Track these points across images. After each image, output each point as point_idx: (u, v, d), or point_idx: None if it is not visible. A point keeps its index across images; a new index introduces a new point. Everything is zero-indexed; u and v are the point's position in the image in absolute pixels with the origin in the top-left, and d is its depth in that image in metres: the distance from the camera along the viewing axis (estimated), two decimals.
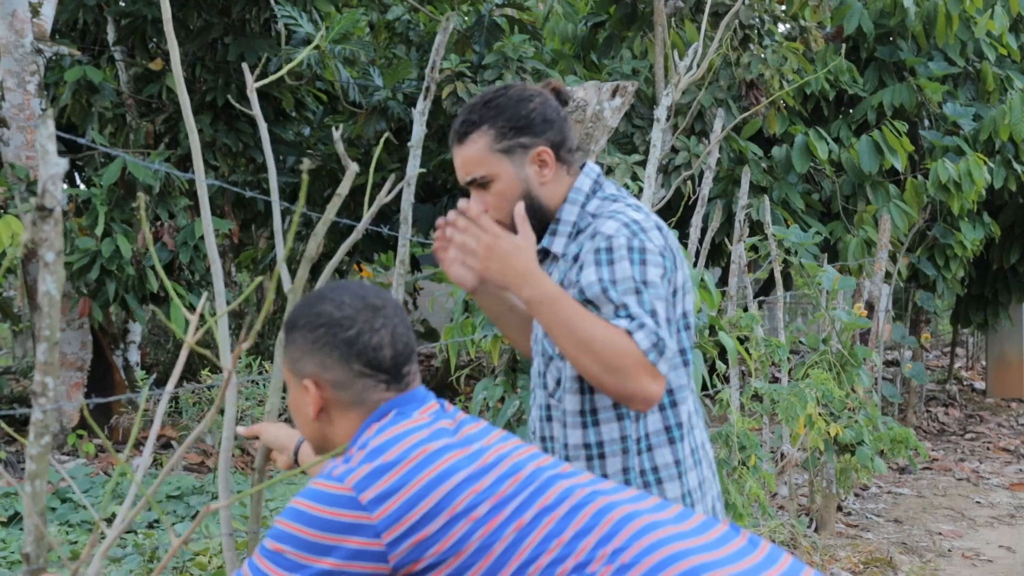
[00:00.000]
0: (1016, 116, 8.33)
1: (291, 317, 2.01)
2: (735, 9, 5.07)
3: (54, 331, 2.00)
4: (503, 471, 1.84)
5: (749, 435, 4.53)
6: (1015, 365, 11.57)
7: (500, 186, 2.37)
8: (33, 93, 8.01)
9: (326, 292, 1.99)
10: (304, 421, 2.00)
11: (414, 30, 9.96)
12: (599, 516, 1.81)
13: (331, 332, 1.94)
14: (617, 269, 2.24)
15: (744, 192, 5.36)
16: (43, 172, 1.93)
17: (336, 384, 1.94)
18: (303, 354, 1.95)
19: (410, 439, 1.85)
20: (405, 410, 1.92)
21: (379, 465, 1.80)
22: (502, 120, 2.35)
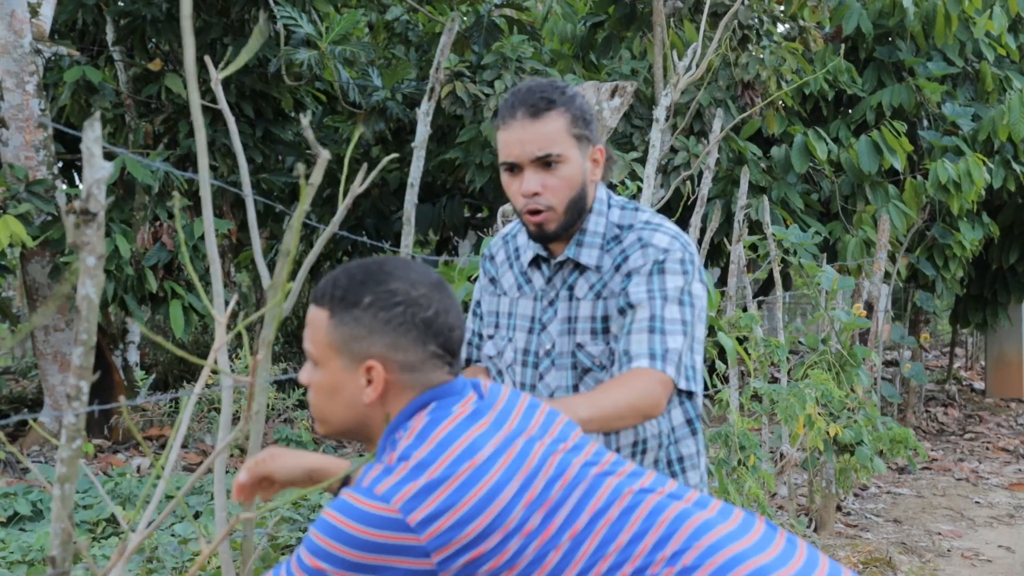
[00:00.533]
0: (1015, 116, 8.33)
1: (345, 293, 1.85)
2: (734, 9, 5.06)
3: (92, 335, 2.00)
4: (551, 474, 1.78)
5: (748, 435, 4.53)
6: (1014, 365, 11.57)
7: (568, 170, 2.35)
8: (32, 93, 8.01)
9: (390, 268, 1.87)
10: (344, 405, 1.88)
11: (413, 30, 9.96)
12: (652, 517, 1.77)
13: (410, 311, 1.82)
14: (669, 279, 2.30)
15: (743, 192, 5.36)
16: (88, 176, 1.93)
17: (405, 366, 1.83)
18: (370, 333, 1.82)
19: (455, 448, 1.75)
20: (444, 403, 1.83)
21: (426, 483, 1.71)
22: (576, 109, 2.35)
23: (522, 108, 2.34)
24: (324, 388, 1.88)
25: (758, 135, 8.80)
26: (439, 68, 2.70)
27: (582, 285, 2.40)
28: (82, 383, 2.01)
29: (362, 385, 1.84)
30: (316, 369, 1.89)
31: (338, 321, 1.84)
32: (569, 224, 2.38)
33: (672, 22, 8.27)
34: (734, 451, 4.47)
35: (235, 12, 9.04)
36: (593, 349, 2.39)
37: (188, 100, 8.97)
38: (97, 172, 1.93)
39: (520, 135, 2.32)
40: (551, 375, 2.46)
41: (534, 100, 2.34)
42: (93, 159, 1.93)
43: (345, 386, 1.86)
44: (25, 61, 7.94)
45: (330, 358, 1.86)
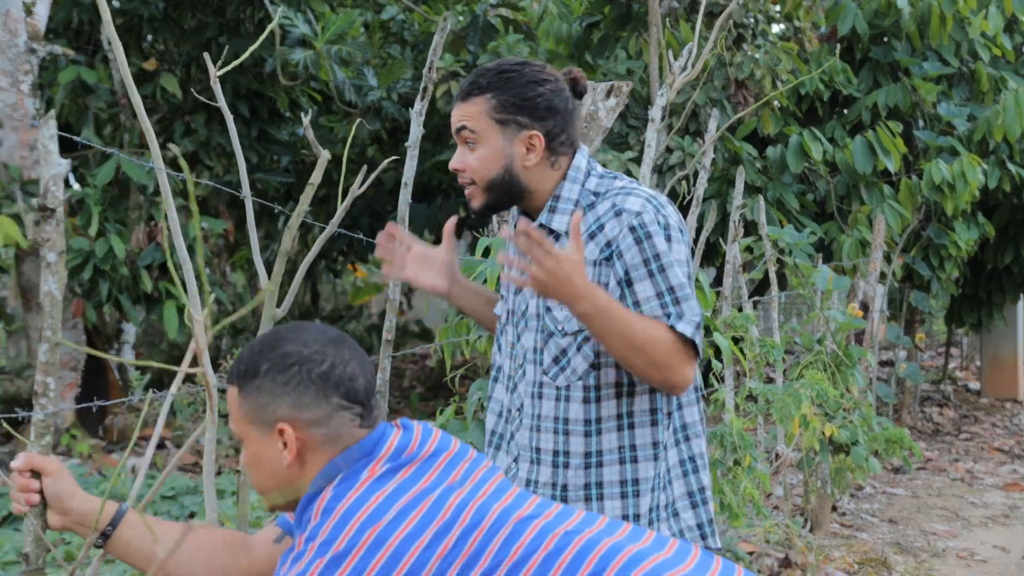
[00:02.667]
0: (1010, 117, 8.34)
1: (246, 366, 1.92)
2: (729, 9, 5.06)
3: (56, 331, 2.00)
4: (467, 523, 1.81)
5: (744, 435, 4.53)
6: (1009, 365, 11.58)
7: (484, 152, 2.43)
8: (27, 93, 8.00)
9: (283, 334, 1.94)
10: (270, 473, 1.93)
11: (408, 30, 9.95)
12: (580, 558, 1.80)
13: (305, 369, 1.89)
14: (656, 243, 2.34)
15: (739, 192, 5.36)
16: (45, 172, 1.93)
17: (313, 422, 1.89)
18: (273, 398, 1.89)
19: (358, 518, 1.79)
20: (352, 471, 1.87)
21: (331, 558, 1.76)
22: (508, 94, 2.41)
23: (459, 89, 2.47)
24: (252, 462, 1.95)
25: (754, 135, 8.80)
26: (432, 68, 2.69)
27: None
28: (49, 379, 2.01)
29: (279, 450, 1.90)
30: (244, 447, 1.96)
31: (245, 394, 1.91)
32: (496, 203, 2.47)
33: (668, 22, 8.26)
34: (729, 451, 4.47)
35: (230, 12, 9.03)
36: (558, 314, 2.43)
37: (189, 98, 8.93)
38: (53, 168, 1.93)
39: (453, 114, 2.46)
40: (526, 336, 2.51)
41: (466, 84, 2.45)
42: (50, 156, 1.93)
43: (266, 455, 1.92)
44: (20, 60, 7.93)
45: (248, 432, 1.93)
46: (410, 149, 2.77)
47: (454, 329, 3.68)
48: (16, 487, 2.03)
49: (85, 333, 8.51)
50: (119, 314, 8.79)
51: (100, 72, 9.01)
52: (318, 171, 2.29)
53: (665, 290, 2.32)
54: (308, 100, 10.01)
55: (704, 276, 4.19)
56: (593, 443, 2.42)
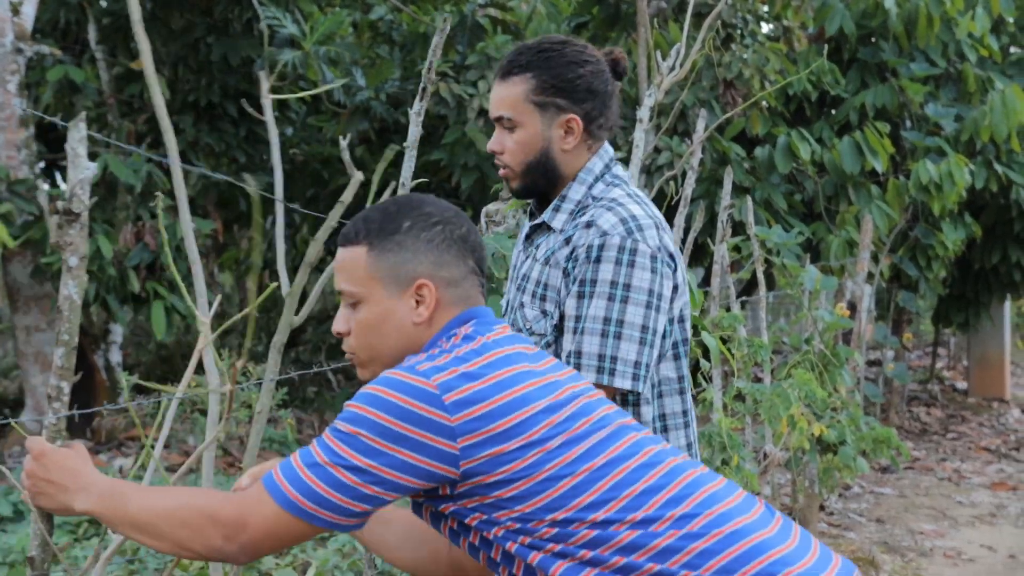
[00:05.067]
0: (997, 117, 8.36)
1: (381, 224, 1.94)
2: (718, 9, 5.06)
3: (73, 336, 1.99)
4: (576, 409, 1.85)
5: (732, 435, 4.53)
6: (997, 365, 11.62)
7: (523, 136, 2.40)
8: (14, 92, 7.97)
9: (418, 199, 1.98)
10: (394, 330, 1.94)
11: (397, 30, 9.94)
12: (669, 477, 1.84)
13: (448, 229, 1.94)
14: (602, 269, 2.26)
15: (727, 192, 5.36)
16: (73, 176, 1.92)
17: (450, 281, 1.94)
18: (415, 254, 1.92)
19: (495, 352, 1.86)
20: (484, 321, 1.94)
21: (465, 371, 1.81)
22: (548, 75, 2.37)
23: (498, 68, 2.43)
24: (371, 322, 1.94)
25: (742, 136, 8.81)
26: (431, 68, 2.69)
27: (543, 248, 2.42)
28: (63, 384, 1.99)
29: (412, 307, 1.93)
30: (358, 308, 1.95)
31: (380, 251, 1.93)
32: (533, 187, 2.44)
33: (656, 22, 8.27)
34: (717, 451, 4.47)
35: (218, 12, 9.01)
36: (529, 312, 2.40)
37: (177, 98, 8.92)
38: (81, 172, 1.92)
39: (493, 94, 2.43)
40: None
41: (506, 62, 2.41)
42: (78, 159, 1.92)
43: (394, 313, 1.94)
44: (7, 60, 7.91)
45: (374, 290, 1.93)
46: (408, 150, 2.77)
47: None
48: None
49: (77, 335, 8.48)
50: (106, 314, 8.77)
51: (87, 71, 8.99)
52: (350, 190, 2.26)
53: (583, 315, 2.26)
54: (296, 100, 9.99)
55: (692, 276, 4.19)
56: None
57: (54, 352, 2.02)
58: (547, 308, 2.38)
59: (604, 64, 2.42)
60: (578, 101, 2.38)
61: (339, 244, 1.98)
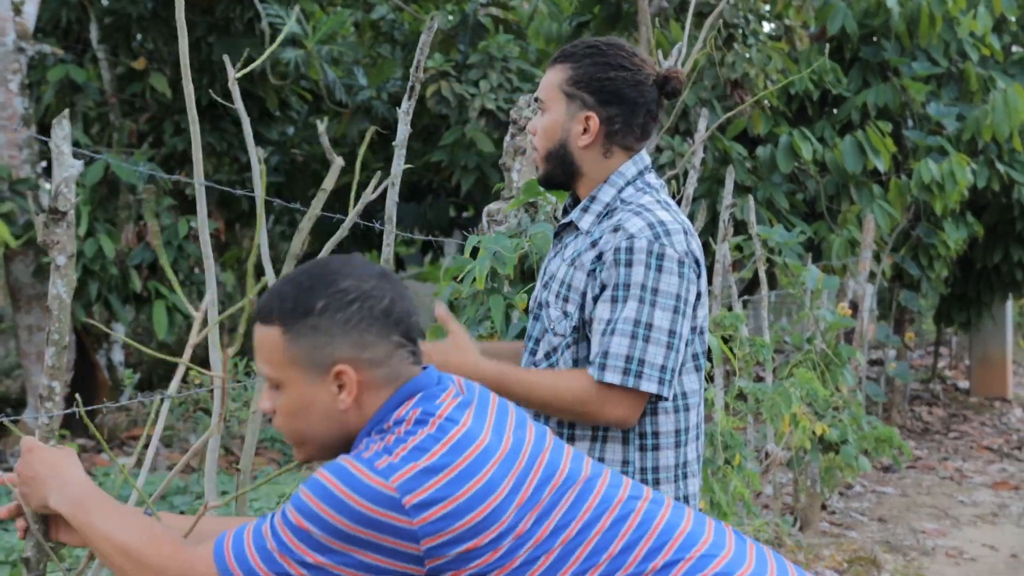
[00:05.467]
0: (999, 116, 8.36)
1: (295, 304, 1.77)
2: (719, 8, 5.05)
3: (63, 335, 1.98)
4: (540, 475, 1.76)
5: (734, 434, 4.54)
6: (998, 364, 11.61)
7: (547, 121, 2.43)
8: (15, 92, 7.97)
9: (334, 267, 1.80)
10: (320, 418, 1.81)
11: (399, 29, 9.94)
12: (642, 528, 1.78)
13: (367, 306, 1.76)
14: (634, 273, 2.26)
15: (729, 192, 5.36)
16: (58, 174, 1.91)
17: (374, 362, 1.77)
18: (331, 338, 1.75)
19: (453, 434, 1.72)
20: (429, 394, 1.79)
21: (425, 466, 1.68)
22: (583, 69, 2.39)
23: (556, 53, 2.47)
24: (293, 409, 1.82)
25: (744, 135, 8.81)
26: (419, 67, 2.69)
27: (571, 248, 2.41)
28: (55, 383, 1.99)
29: (334, 393, 1.79)
30: (279, 392, 1.82)
31: (294, 335, 1.77)
32: (552, 176, 2.47)
33: (658, 21, 8.27)
34: (719, 450, 4.47)
35: (220, 10, 9.01)
36: (553, 312, 2.39)
37: (179, 98, 8.92)
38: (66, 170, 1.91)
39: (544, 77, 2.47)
40: (531, 325, 2.50)
41: (561, 51, 2.46)
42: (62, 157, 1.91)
43: (316, 399, 1.80)
44: (8, 59, 7.91)
45: (293, 376, 1.79)
46: (397, 149, 2.76)
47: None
48: None
49: (74, 333, 8.48)
50: (108, 314, 8.77)
51: (89, 71, 8.99)
52: (330, 178, 2.25)
53: (613, 318, 2.25)
54: (298, 99, 10.00)
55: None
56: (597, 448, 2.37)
57: (46, 351, 2.01)
58: (568, 309, 2.37)
59: (647, 77, 2.40)
60: (602, 102, 2.38)
61: (255, 320, 1.82)
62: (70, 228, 1.94)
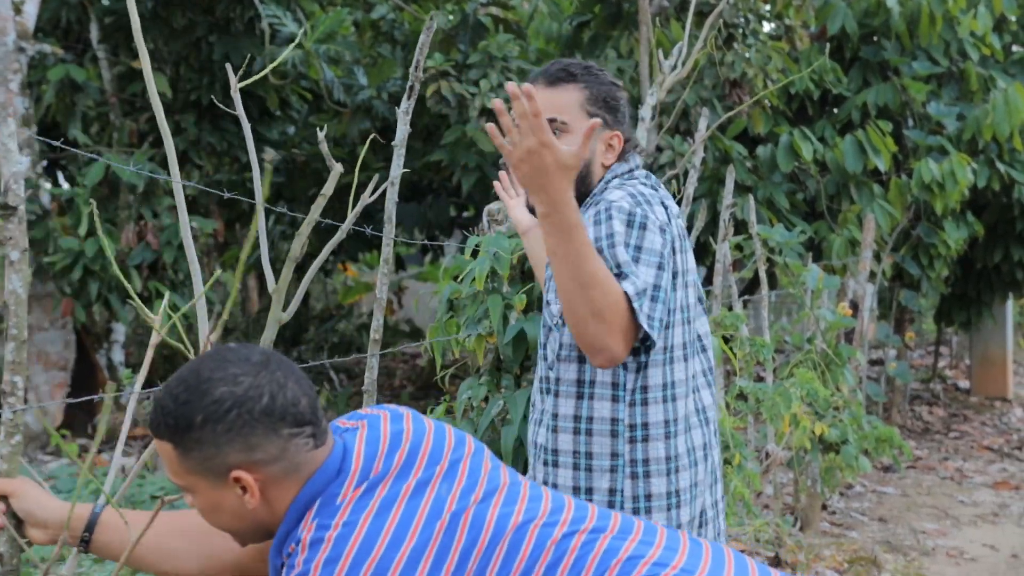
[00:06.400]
0: (999, 116, 8.35)
1: (176, 420, 1.75)
2: (720, 8, 5.06)
3: (22, 330, 1.98)
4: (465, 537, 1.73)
5: (734, 434, 4.53)
6: (999, 364, 11.60)
7: (571, 141, 2.39)
8: (16, 91, 7.97)
9: (204, 373, 1.76)
10: (233, 518, 1.82)
11: (399, 29, 9.94)
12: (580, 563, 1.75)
13: (244, 410, 1.73)
14: (615, 225, 2.26)
15: (729, 191, 5.36)
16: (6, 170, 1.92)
17: (268, 460, 1.75)
18: (218, 448, 1.74)
19: (349, 549, 1.69)
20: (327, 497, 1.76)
21: None
22: (599, 89, 2.42)
23: (541, 77, 2.43)
24: (208, 510, 1.83)
25: (744, 134, 8.81)
26: (418, 67, 2.69)
27: None
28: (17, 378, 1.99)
29: (239, 495, 1.78)
30: (193, 495, 1.83)
31: (184, 449, 1.76)
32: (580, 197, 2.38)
33: (658, 21, 8.27)
34: (720, 450, 4.47)
35: (220, 11, 9.01)
36: (554, 308, 2.40)
37: (179, 97, 8.92)
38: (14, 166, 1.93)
39: (541, 99, 2.32)
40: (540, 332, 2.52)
41: (555, 71, 2.44)
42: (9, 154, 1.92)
43: (224, 502, 1.80)
44: (8, 59, 7.91)
45: (196, 483, 1.79)
46: (396, 148, 2.76)
47: (443, 328, 3.68)
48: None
49: (75, 333, 8.48)
50: (109, 314, 8.77)
51: (89, 71, 8.99)
52: (331, 183, 2.26)
53: (612, 265, 2.22)
54: (298, 99, 10.00)
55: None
56: (583, 442, 2.39)
57: (5, 346, 2.01)
58: (550, 297, 2.42)
59: None
60: (620, 121, 2.45)
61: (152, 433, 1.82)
62: (22, 223, 1.95)
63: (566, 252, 2.11)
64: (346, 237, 8.24)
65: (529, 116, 2.01)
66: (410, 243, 6.65)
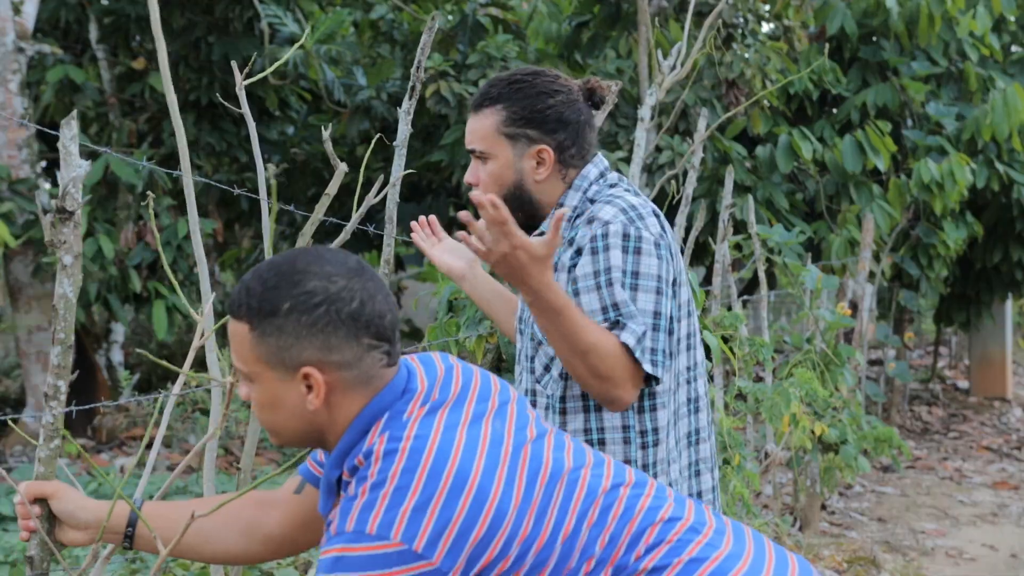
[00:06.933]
0: (999, 116, 8.36)
1: (260, 303, 1.73)
2: (719, 8, 5.06)
3: (69, 334, 1.98)
4: (527, 469, 1.74)
5: (733, 434, 4.53)
6: (998, 364, 11.61)
7: (495, 168, 2.39)
8: (15, 92, 7.97)
9: (301, 264, 1.75)
10: (290, 416, 1.78)
11: (398, 29, 9.94)
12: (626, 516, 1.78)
13: (333, 308, 1.72)
14: (612, 256, 2.25)
15: (728, 191, 5.36)
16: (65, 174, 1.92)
17: (343, 364, 1.74)
18: (297, 339, 1.71)
19: (426, 460, 1.68)
20: (394, 413, 1.76)
21: (414, 506, 1.65)
22: (518, 106, 2.37)
23: (473, 101, 2.42)
24: (264, 404, 1.80)
25: (743, 135, 8.81)
26: (420, 67, 2.69)
27: None
28: (60, 382, 1.99)
29: (303, 393, 1.76)
30: (252, 385, 1.80)
31: (261, 334, 1.74)
32: (527, 217, 2.41)
33: (657, 21, 8.27)
34: (719, 450, 4.47)
35: (219, 11, 9.01)
36: None
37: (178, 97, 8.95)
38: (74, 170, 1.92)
39: (467, 127, 2.42)
40: (521, 342, 2.50)
41: (478, 95, 2.41)
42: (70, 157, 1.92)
43: (286, 397, 1.77)
44: (8, 59, 7.91)
45: (263, 372, 1.76)
46: (398, 149, 2.77)
47: (443, 328, 3.68)
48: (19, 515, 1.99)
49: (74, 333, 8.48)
50: (108, 314, 8.77)
51: (88, 71, 8.99)
52: (334, 183, 2.27)
53: (609, 305, 2.23)
54: (297, 99, 10.00)
55: (694, 275, 4.19)
56: None
57: (51, 350, 2.01)
58: None
59: (577, 94, 2.41)
60: (549, 132, 2.37)
61: (229, 313, 1.79)
62: (77, 228, 1.95)
63: (557, 330, 2.17)
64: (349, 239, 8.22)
65: (497, 223, 2.03)
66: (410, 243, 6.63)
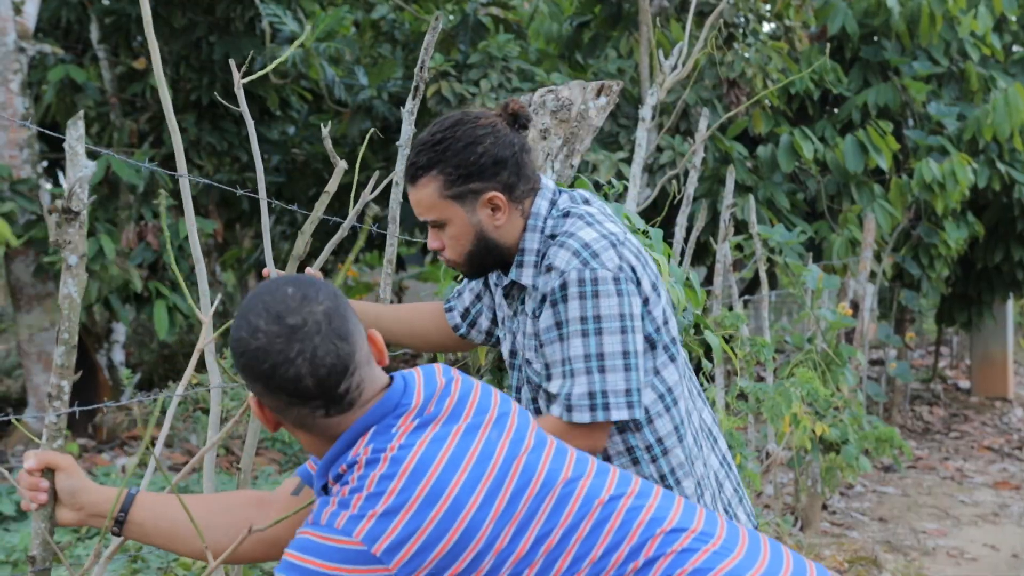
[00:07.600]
0: (1000, 116, 8.35)
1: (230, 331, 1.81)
2: (720, 8, 5.06)
3: (73, 334, 1.99)
4: (515, 483, 1.74)
5: (735, 434, 4.53)
6: (999, 364, 11.60)
7: (453, 230, 2.35)
8: (16, 92, 7.97)
9: (245, 310, 1.77)
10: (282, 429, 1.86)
11: (399, 29, 9.94)
12: (624, 529, 1.77)
13: (250, 364, 1.74)
14: (570, 308, 2.24)
15: (729, 191, 5.36)
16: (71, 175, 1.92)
17: (275, 409, 1.79)
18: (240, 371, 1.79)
19: (405, 469, 1.70)
20: (384, 426, 1.76)
21: (384, 510, 1.67)
22: (450, 166, 2.30)
23: (406, 173, 2.37)
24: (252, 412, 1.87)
25: (744, 134, 8.81)
26: (423, 67, 2.69)
27: (528, 302, 2.39)
28: (64, 382, 2.00)
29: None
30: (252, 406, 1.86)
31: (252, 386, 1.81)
32: (483, 268, 2.41)
33: (658, 21, 8.27)
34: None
35: (220, 10, 9.01)
36: (537, 365, 2.38)
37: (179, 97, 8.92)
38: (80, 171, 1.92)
39: (411, 199, 2.37)
40: (511, 375, 2.50)
41: (408, 167, 2.35)
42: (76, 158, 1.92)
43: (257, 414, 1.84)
44: (9, 59, 7.91)
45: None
46: (401, 149, 2.77)
47: None
48: (26, 485, 1.98)
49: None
50: (109, 314, 8.77)
51: (89, 71, 8.99)
52: (334, 180, 2.26)
53: (566, 358, 2.25)
54: (298, 99, 10.00)
55: (695, 275, 4.19)
56: None
57: (55, 350, 2.02)
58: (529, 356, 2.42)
59: (503, 126, 2.34)
60: (491, 177, 2.31)
61: None
62: (82, 228, 1.96)
63: None
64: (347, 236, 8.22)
65: None
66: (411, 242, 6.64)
